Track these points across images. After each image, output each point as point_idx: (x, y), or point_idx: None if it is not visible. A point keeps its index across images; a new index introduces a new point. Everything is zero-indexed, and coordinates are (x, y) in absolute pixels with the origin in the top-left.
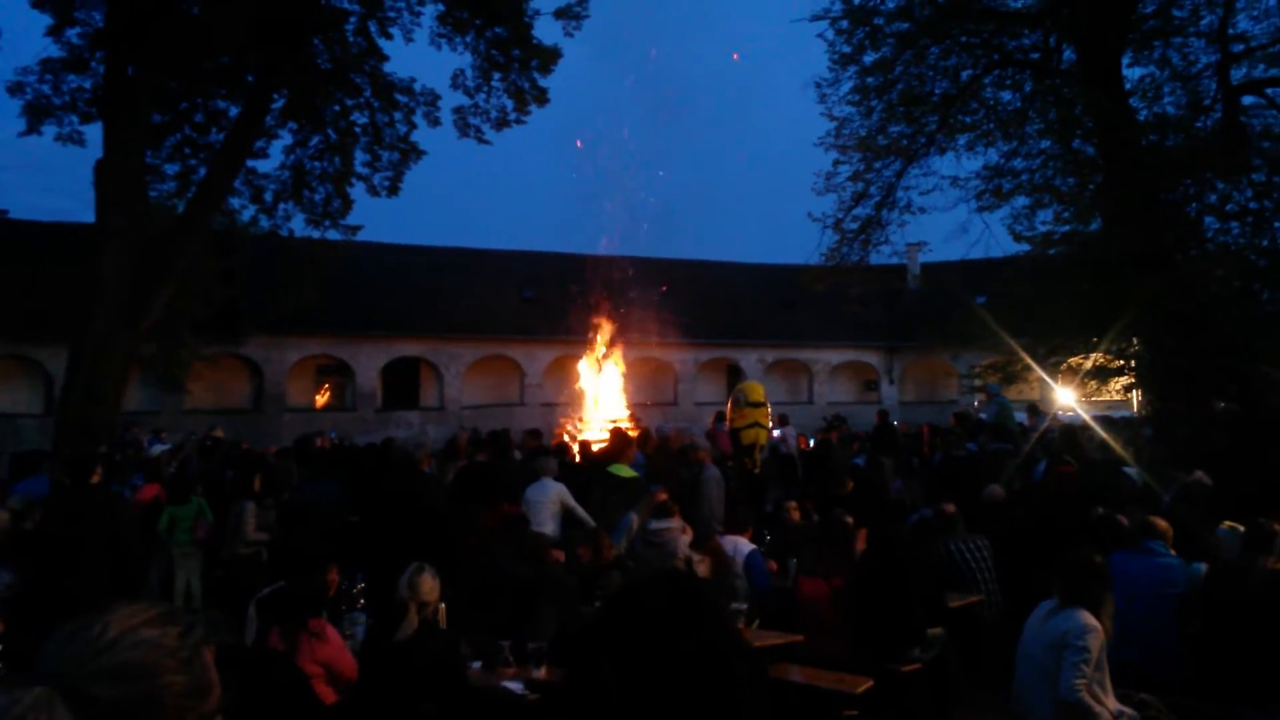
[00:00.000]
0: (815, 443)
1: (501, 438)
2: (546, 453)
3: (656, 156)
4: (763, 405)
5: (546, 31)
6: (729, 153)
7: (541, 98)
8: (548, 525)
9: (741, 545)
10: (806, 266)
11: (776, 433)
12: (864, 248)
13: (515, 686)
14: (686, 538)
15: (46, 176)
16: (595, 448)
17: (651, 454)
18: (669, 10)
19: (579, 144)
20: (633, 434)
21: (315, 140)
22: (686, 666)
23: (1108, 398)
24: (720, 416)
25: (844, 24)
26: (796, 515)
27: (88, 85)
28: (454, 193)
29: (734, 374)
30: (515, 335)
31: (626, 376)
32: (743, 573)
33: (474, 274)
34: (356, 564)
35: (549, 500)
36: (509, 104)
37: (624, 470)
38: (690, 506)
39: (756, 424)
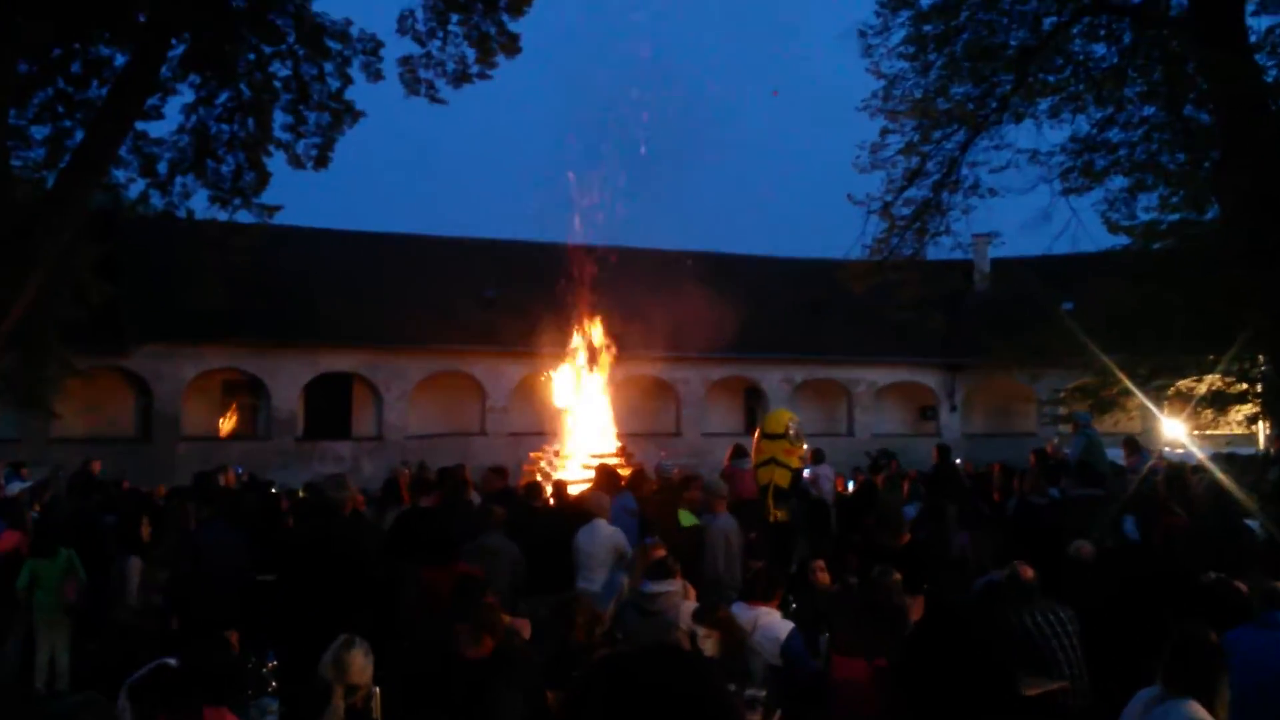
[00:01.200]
0: (856, 485)
1: (455, 476)
2: (502, 497)
3: (658, 126)
4: (783, 438)
5: None
6: (748, 120)
7: (511, 46)
8: (598, 581)
9: (771, 621)
10: (845, 262)
11: (807, 472)
12: (919, 239)
13: None
14: (690, 604)
15: None
16: (575, 490)
17: (648, 498)
18: None
19: (563, 107)
20: (624, 472)
21: (223, 97)
22: None
23: (1226, 430)
24: (739, 450)
25: None
26: (825, 577)
27: None
28: (399, 168)
29: (752, 397)
30: (475, 346)
31: (617, 399)
32: (775, 655)
33: (423, 268)
34: (268, 636)
35: (603, 549)
36: (470, 54)
37: (688, 516)
38: (695, 564)
39: (774, 461)
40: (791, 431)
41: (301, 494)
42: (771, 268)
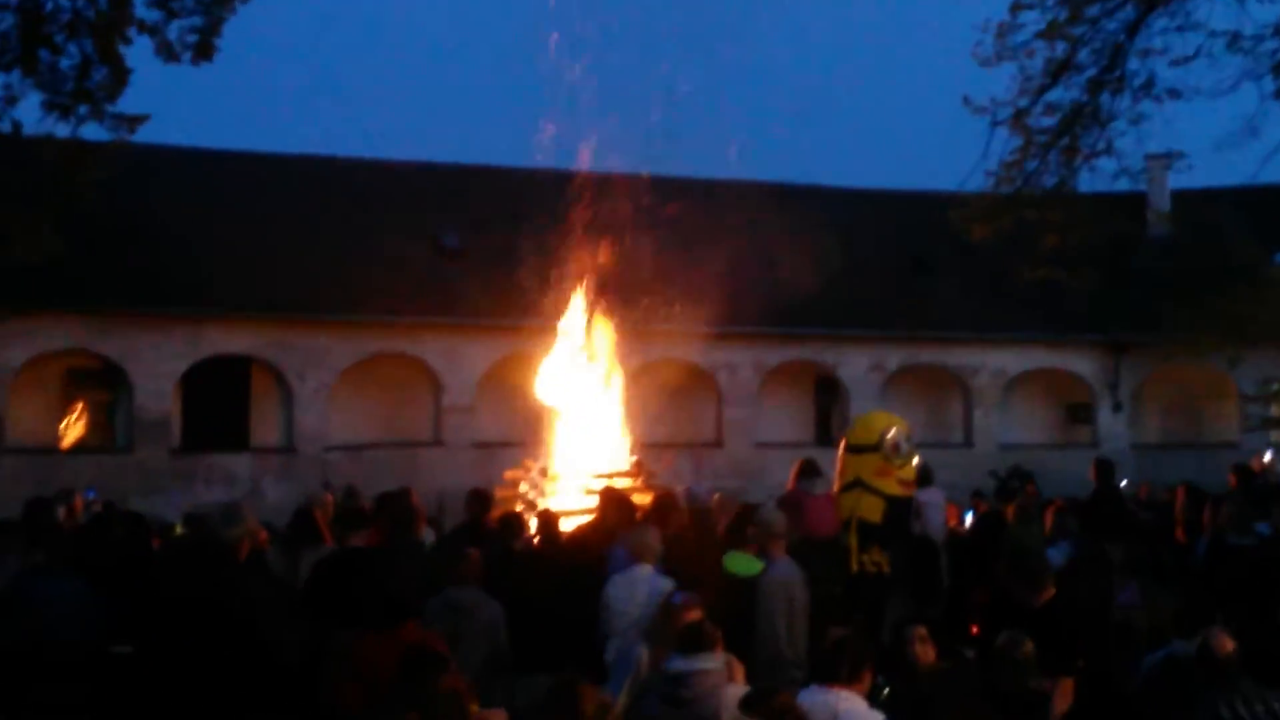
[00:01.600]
0: (976, 518)
1: (399, 505)
2: (469, 534)
3: (688, 16)
4: (873, 451)
5: None
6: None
7: None
8: (641, 648)
9: (854, 711)
10: (961, 197)
11: (924, 500)
12: (1066, 162)
13: None
14: (736, 688)
15: None
16: (568, 525)
17: (676, 537)
18: None
19: None
20: (640, 500)
21: None
22: None
23: None
24: (809, 468)
25: None
26: (929, 650)
27: None
28: (317, 65)
29: (827, 391)
30: (427, 317)
31: (632, 395)
32: None
33: (354, 206)
34: None
35: (642, 602)
36: None
37: (743, 562)
38: (743, 632)
39: (860, 484)
40: (889, 443)
41: (178, 530)
42: (855, 205)
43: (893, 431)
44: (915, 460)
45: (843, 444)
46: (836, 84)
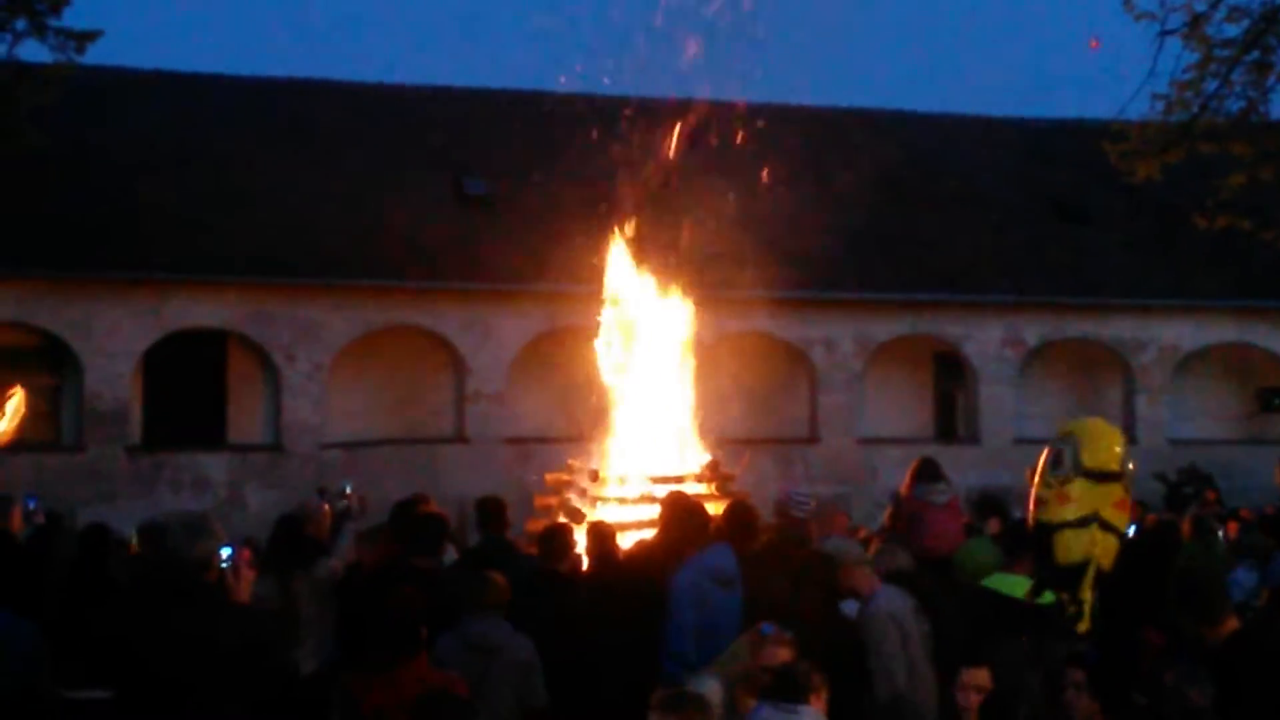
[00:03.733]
0: (1140, 531)
1: (413, 516)
2: (500, 555)
3: None
4: (1116, 479)
5: None
6: None
7: None
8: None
9: None
10: (1116, 126)
11: None
12: (1256, 80)
13: None
14: None
15: None
16: (624, 540)
17: (759, 555)
18: None
19: None
20: (713, 509)
21: None
22: None
23: None
24: (927, 469)
25: None
26: (1087, 702)
27: None
28: None
29: (949, 371)
30: (446, 282)
31: (705, 378)
32: None
33: (352, 141)
34: None
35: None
36: None
37: (1009, 582)
38: (848, 675)
39: (1096, 520)
40: (1131, 467)
41: (134, 546)
42: (985, 136)
43: (1128, 455)
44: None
45: (1049, 459)
46: None
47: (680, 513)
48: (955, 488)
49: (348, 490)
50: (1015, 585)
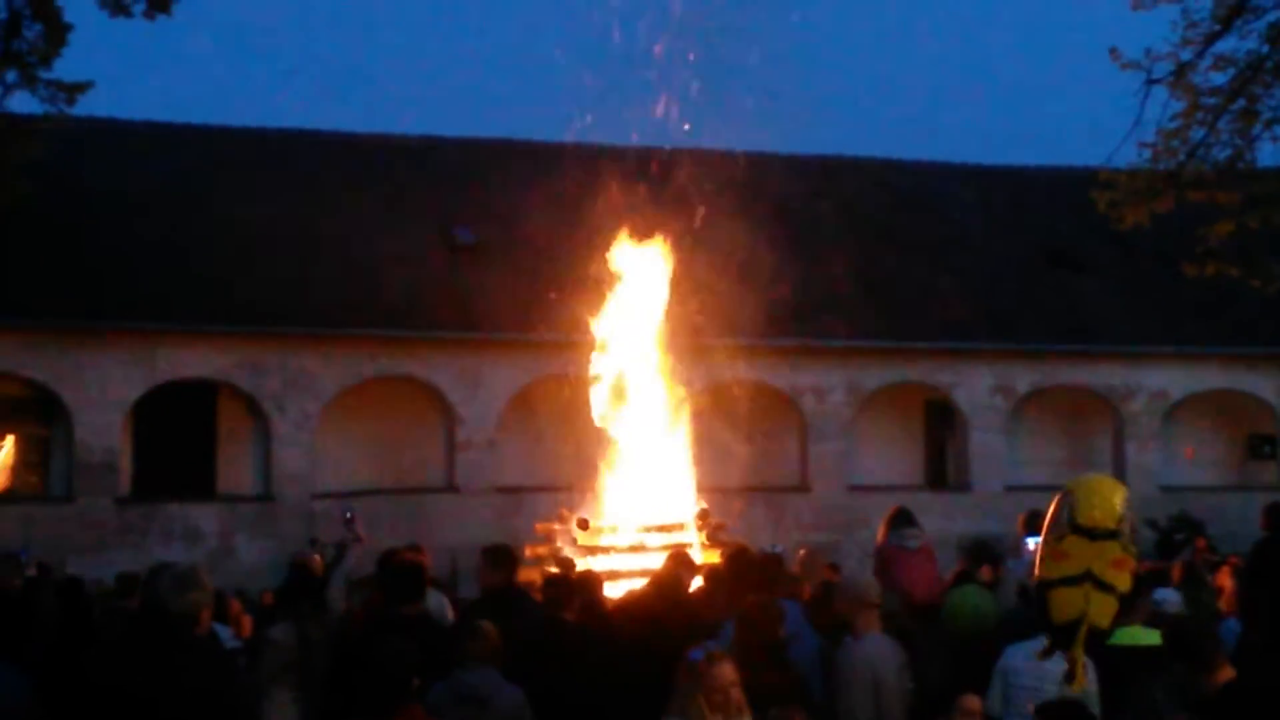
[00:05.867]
0: (1132, 578)
1: (397, 566)
2: (498, 603)
3: None
4: (1112, 538)
5: None
6: None
7: None
8: None
9: None
10: (1105, 174)
11: (1031, 543)
12: (1242, 128)
13: None
14: None
15: None
16: (614, 591)
17: (761, 605)
18: None
19: None
20: (707, 557)
21: None
22: None
23: None
24: (902, 517)
25: None
26: None
27: None
28: (298, 23)
29: (940, 417)
30: (437, 331)
31: (694, 426)
32: None
33: (346, 192)
34: None
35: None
36: None
37: (1132, 633)
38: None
39: (1090, 579)
40: (1128, 525)
41: (99, 593)
42: (976, 185)
43: (1130, 512)
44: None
45: (1050, 517)
46: (951, 37)
47: (678, 568)
48: (926, 534)
49: (349, 515)
50: (1148, 635)
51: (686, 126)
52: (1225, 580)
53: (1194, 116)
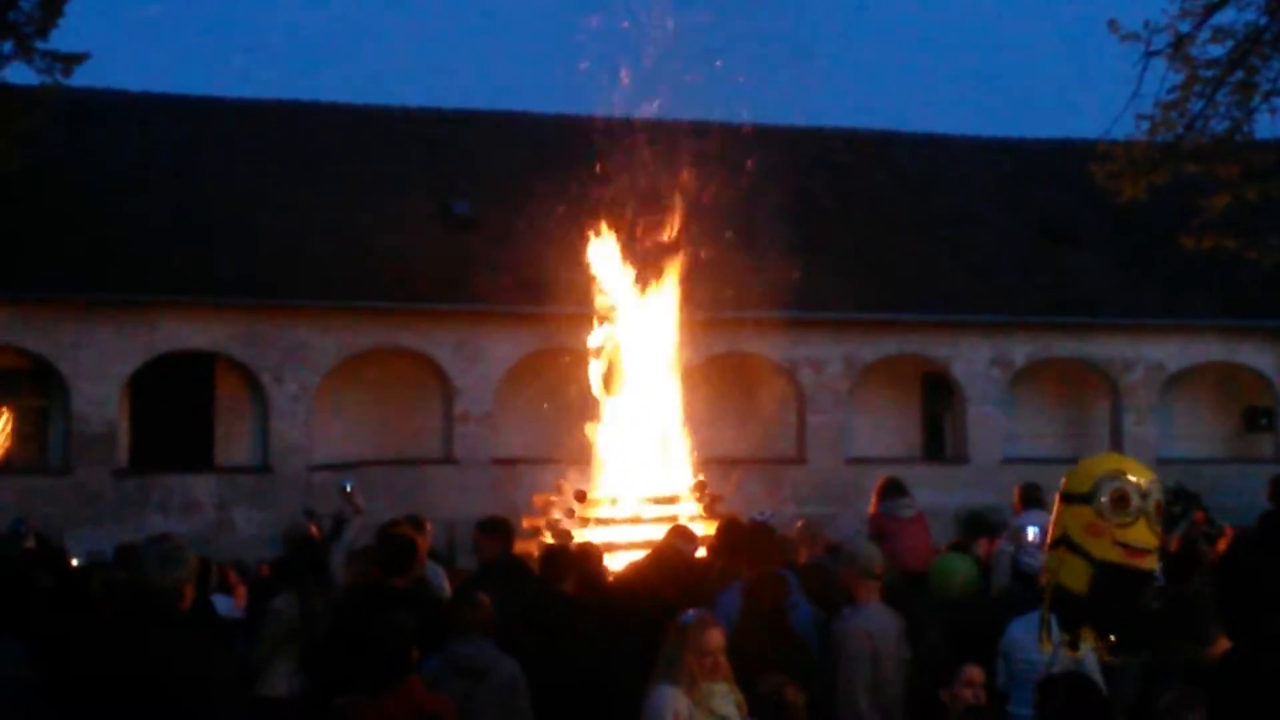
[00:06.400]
0: None
1: (401, 538)
2: (499, 574)
3: None
4: (1084, 502)
5: None
6: None
7: None
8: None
9: None
10: (1102, 146)
11: (1031, 533)
12: (1240, 100)
13: None
14: None
15: None
16: (612, 563)
17: (750, 593)
18: None
19: None
20: (703, 529)
21: None
22: None
23: None
24: (893, 487)
25: None
26: None
27: None
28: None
29: (937, 391)
30: (434, 304)
31: (692, 398)
32: None
33: (341, 164)
34: None
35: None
36: None
37: None
38: (820, 693)
39: (1064, 541)
40: (1109, 494)
41: (115, 570)
42: (973, 158)
43: (1118, 481)
44: (1156, 523)
45: (1062, 489)
46: (948, 9)
47: (675, 545)
48: (924, 505)
49: (348, 488)
50: None
51: (680, 101)
52: (1222, 551)
53: (1192, 89)
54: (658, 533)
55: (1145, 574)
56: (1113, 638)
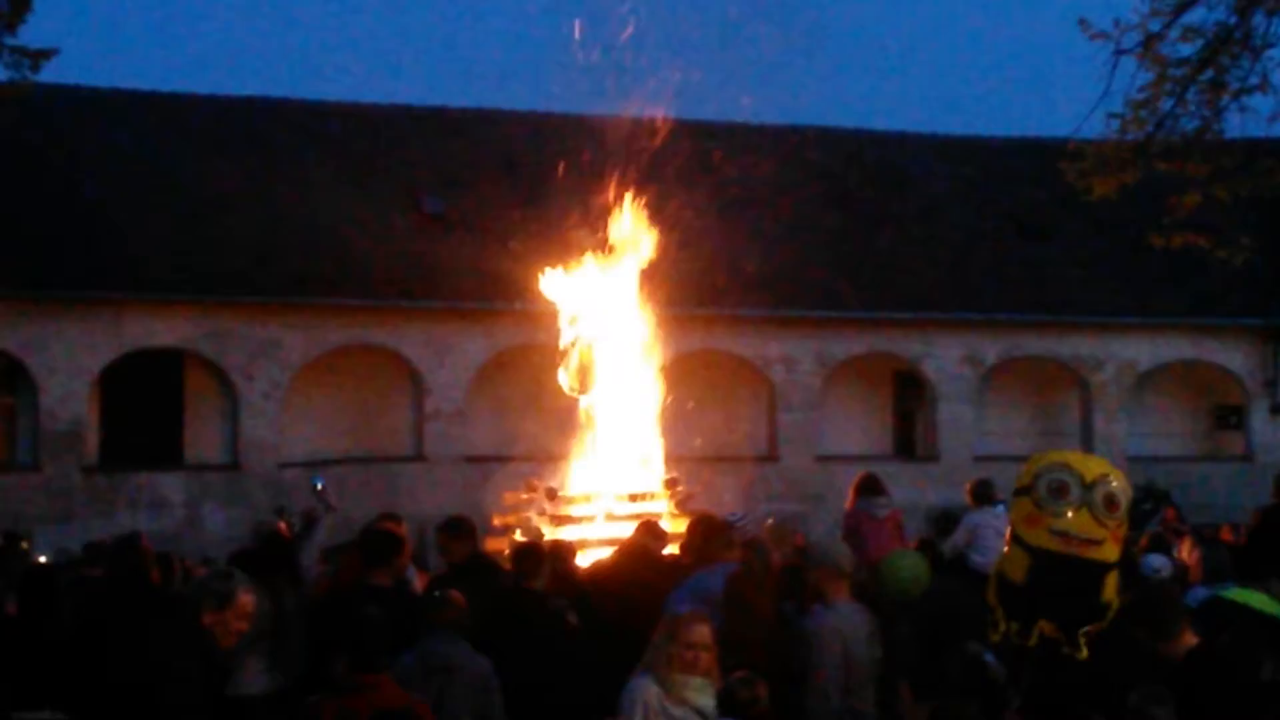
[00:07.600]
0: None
1: (377, 536)
2: (471, 572)
3: None
4: (1026, 493)
5: None
6: None
7: None
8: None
9: None
10: (1073, 145)
11: (975, 522)
12: (1210, 99)
13: None
14: None
15: None
16: (584, 558)
17: (734, 587)
18: None
19: None
20: (676, 526)
21: None
22: None
23: None
24: (869, 484)
25: None
26: None
27: None
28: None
29: (908, 389)
30: (405, 301)
31: (664, 395)
32: None
33: (314, 161)
34: None
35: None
36: None
37: (1260, 598)
38: (792, 694)
39: (1015, 538)
40: (1045, 486)
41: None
42: (945, 156)
43: (1057, 472)
44: (1117, 521)
45: (1028, 486)
46: (920, 7)
47: (645, 540)
48: (896, 502)
49: (319, 486)
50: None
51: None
52: (1191, 550)
53: (1162, 87)
54: (629, 530)
55: (1090, 564)
56: (1072, 629)
